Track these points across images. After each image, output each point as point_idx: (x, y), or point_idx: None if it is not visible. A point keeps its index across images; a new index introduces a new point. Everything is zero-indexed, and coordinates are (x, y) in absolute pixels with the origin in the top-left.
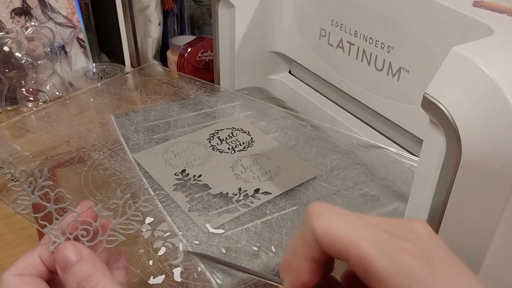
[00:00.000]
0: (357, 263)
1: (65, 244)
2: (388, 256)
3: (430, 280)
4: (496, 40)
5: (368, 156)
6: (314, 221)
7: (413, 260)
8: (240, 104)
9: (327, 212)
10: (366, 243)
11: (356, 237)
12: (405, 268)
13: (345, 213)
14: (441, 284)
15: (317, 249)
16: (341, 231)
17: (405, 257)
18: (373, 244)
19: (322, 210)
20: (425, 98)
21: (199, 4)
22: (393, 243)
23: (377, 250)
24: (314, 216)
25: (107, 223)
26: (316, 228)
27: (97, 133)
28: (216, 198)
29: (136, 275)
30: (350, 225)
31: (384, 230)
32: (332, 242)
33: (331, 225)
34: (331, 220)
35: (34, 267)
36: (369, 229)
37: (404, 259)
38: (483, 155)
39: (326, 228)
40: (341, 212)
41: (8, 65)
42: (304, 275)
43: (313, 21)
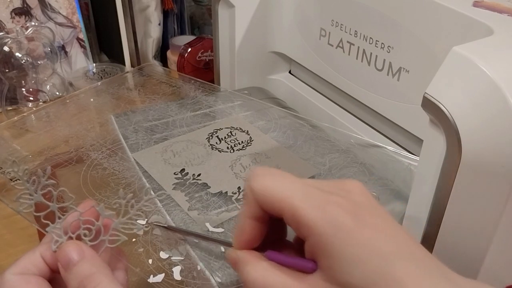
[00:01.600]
0: (290, 216)
1: (68, 243)
2: (317, 208)
3: (356, 229)
4: (496, 40)
5: (366, 155)
6: (253, 182)
7: (340, 211)
8: (239, 104)
9: (265, 173)
10: (297, 197)
11: (288, 192)
12: (332, 218)
13: (282, 174)
14: (366, 233)
15: (256, 207)
16: (276, 189)
17: (333, 208)
18: (304, 198)
19: (261, 172)
20: (425, 98)
21: (199, 4)
22: (323, 197)
23: (307, 203)
24: (254, 177)
25: (109, 222)
26: (254, 188)
27: (96, 133)
28: (215, 197)
29: (136, 274)
30: (285, 183)
31: (317, 187)
32: (268, 199)
33: (267, 183)
34: (267, 179)
35: (35, 266)
36: (302, 186)
37: (332, 210)
38: (483, 155)
39: (262, 187)
40: (279, 173)
41: (8, 65)
42: (246, 232)
43: (313, 21)
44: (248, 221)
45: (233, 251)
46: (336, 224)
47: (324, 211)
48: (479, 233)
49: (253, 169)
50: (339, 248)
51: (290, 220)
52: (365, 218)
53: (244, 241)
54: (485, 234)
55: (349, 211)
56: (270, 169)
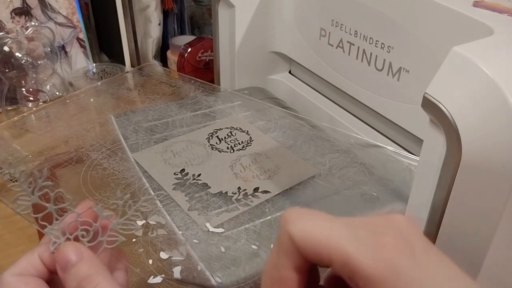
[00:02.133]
0: (341, 265)
1: (66, 244)
2: (372, 253)
3: (417, 272)
4: (496, 40)
5: (366, 155)
6: (291, 226)
7: (397, 254)
8: (239, 104)
9: (303, 216)
10: (347, 243)
11: (336, 238)
12: (391, 263)
13: (321, 216)
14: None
15: (297, 257)
16: (320, 234)
17: (389, 251)
18: (355, 243)
19: (298, 215)
20: (425, 98)
21: (199, 4)
22: (374, 239)
23: (359, 249)
24: (291, 222)
25: (107, 223)
26: (294, 234)
27: (96, 133)
28: (215, 197)
29: (136, 274)
30: (328, 227)
31: (363, 228)
32: (312, 246)
33: (309, 228)
34: (308, 223)
35: (34, 267)
36: (348, 229)
37: (388, 254)
38: (483, 155)
39: (304, 232)
40: (317, 215)
41: (8, 65)
42: (287, 285)
43: (313, 21)
44: (288, 272)
45: None
46: (397, 270)
47: (380, 256)
48: (479, 233)
49: (287, 213)
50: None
51: (342, 269)
52: (422, 257)
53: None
54: (485, 234)
55: (406, 253)
56: (308, 211)
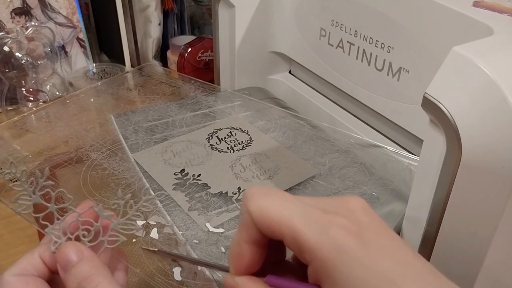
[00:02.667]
0: (291, 240)
1: (66, 244)
2: (319, 230)
3: (361, 252)
4: (496, 40)
5: (366, 155)
6: (250, 203)
7: (344, 234)
8: (238, 104)
9: (262, 193)
10: (298, 219)
11: (288, 214)
12: (336, 241)
13: (279, 194)
14: (372, 256)
15: (255, 231)
16: (275, 210)
17: (336, 230)
18: (305, 220)
19: (257, 192)
20: (425, 98)
21: (199, 4)
22: (324, 218)
23: (308, 225)
24: (250, 199)
25: (108, 223)
26: (251, 209)
27: (96, 133)
28: (215, 197)
29: (136, 275)
30: (283, 204)
31: (317, 207)
32: (266, 221)
33: (264, 205)
34: (265, 200)
35: (34, 267)
36: (302, 206)
37: (335, 232)
38: (483, 155)
39: (260, 208)
40: (276, 193)
41: (8, 65)
42: (245, 258)
43: (313, 21)
44: (246, 246)
45: (230, 277)
46: (341, 248)
47: (327, 234)
48: (479, 233)
49: (248, 190)
50: (344, 273)
51: (291, 244)
52: (370, 239)
53: (243, 266)
54: (485, 234)
55: (353, 233)
56: (267, 189)
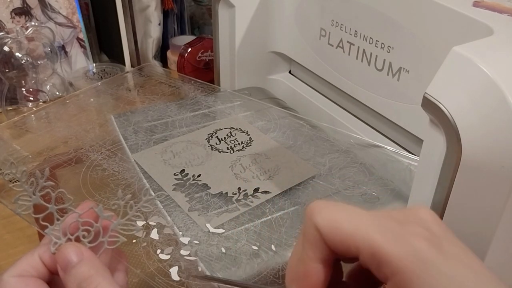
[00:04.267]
0: (369, 256)
1: (67, 245)
2: (399, 242)
3: (443, 262)
4: (496, 40)
5: (366, 155)
6: (318, 218)
7: (426, 245)
8: (238, 104)
9: (329, 207)
10: (375, 233)
11: (364, 228)
12: (419, 253)
13: (347, 207)
14: (452, 266)
15: (323, 248)
16: (347, 224)
17: (417, 241)
18: (383, 233)
19: (323, 206)
20: (425, 98)
21: (199, 4)
22: (402, 228)
23: (387, 239)
24: (317, 213)
25: (108, 224)
26: (321, 225)
27: (95, 133)
28: (215, 198)
29: (136, 275)
30: (355, 217)
31: (390, 219)
32: (340, 236)
33: (336, 219)
34: (334, 213)
35: (34, 268)
36: (376, 219)
37: (416, 243)
38: (483, 155)
39: (330, 222)
40: (343, 205)
41: (8, 65)
42: (312, 278)
43: (313, 21)
44: (314, 265)
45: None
46: (425, 259)
47: (409, 245)
48: (479, 233)
49: (311, 204)
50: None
51: (369, 259)
52: (447, 249)
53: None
54: (485, 234)
55: (433, 243)
56: (333, 202)
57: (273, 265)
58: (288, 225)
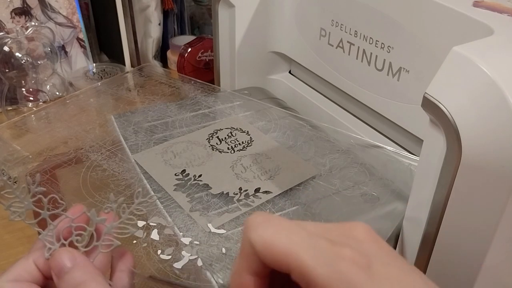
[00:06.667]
0: (298, 275)
1: (60, 251)
2: (328, 265)
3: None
4: (496, 40)
5: (366, 155)
6: (252, 233)
7: (353, 268)
8: (238, 104)
9: (264, 223)
10: (305, 254)
11: (295, 248)
12: (345, 276)
13: (283, 223)
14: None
15: (257, 262)
16: (280, 243)
17: (345, 265)
18: (313, 254)
19: (259, 221)
20: (425, 98)
21: (199, 4)
22: (332, 251)
23: (317, 260)
24: (252, 228)
25: (102, 227)
26: (255, 241)
27: (95, 134)
28: (215, 198)
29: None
30: (289, 236)
31: (324, 237)
32: (271, 254)
33: (269, 236)
34: (269, 231)
35: (28, 273)
36: (309, 238)
37: (343, 267)
38: (484, 155)
39: (264, 240)
40: (279, 222)
41: (8, 65)
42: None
43: (313, 21)
44: (248, 277)
45: None
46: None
47: (337, 268)
48: (479, 233)
49: (249, 219)
50: None
51: (299, 278)
52: (379, 271)
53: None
54: (485, 234)
55: (362, 265)
56: (269, 217)
57: None
58: None
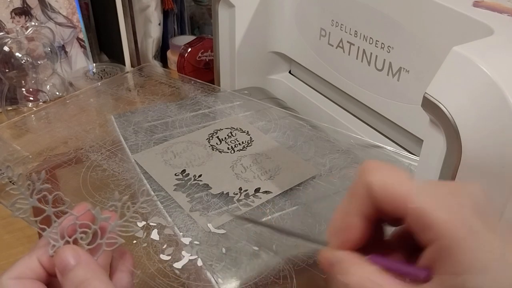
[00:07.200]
0: (416, 218)
1: (64, 248)
2: (450, 211)
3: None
4: (496, 40)
5: (366, 155)
6: (370, 175)
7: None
8: (238, 104)
9: (382, 167)
10: (426, 197)
11: (416, 190)
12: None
13: (399, 170)
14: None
15: (369, 204)
16: (400, 185)
17: (467, 212)
18: (433, 199)
19: (377, 166)
20: (425, 98)
21: (199, 4)
22: (453, 199)
23: (437, 205)
24: (371, 172)
25: (106, 225)
26: (374, 183)
27: (95, 134)
28: (215, 198)
29: (137, 276)
30: (407, 180)
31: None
32: (391, 196)
33: (389, 179)
34: (387, 174)
35: (32, 270)
36: (428, 185)
37: (466, 214)
38: (483, 155)
39: (383, 182)
40: (396, 168)
41: (8, 65)
42: (352, 232)
43: (313, 21)
44: (357, 219)
45: (329, 251)
46: (470, 229)
47: (458, 215)
48: None
49: (365, 163)
50: (470, 254)
51: (414, 222)
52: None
53: (348, 240)
54: None
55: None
56: (386, 164)
57: (273, 265)
58: (289, 225)
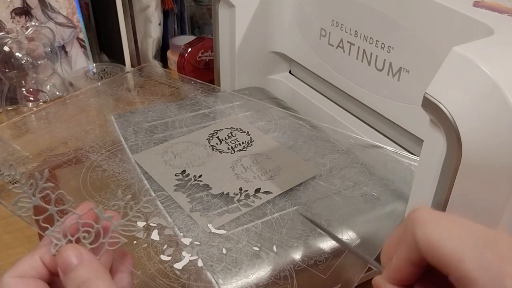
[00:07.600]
0: (458, 279)
1: (67, 247)
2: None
3: None
4: (496, 40)
5: (366, 155)
6: (418, 229)
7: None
8: (238, 104)
9: (431, 221)
10: (469, 263)
11: (460, 255)
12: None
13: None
14: None
15: (417, 254)
16: (445, 247)
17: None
18: (477, 265)
19: (427, 218)
20: (426, 98)
21: (199, 4)
22: (499, 266)
23: (480, 271)
24: (419, 224)
25: (108, 225)
26: (419, 237)
27: (95, 134)
28: (216, 198)
29: (137, 277)
30: (455, 241)
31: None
32: (435, 255)
33: (434, 236)
34: (435, 230)
35: (34, 269)
36: (475, 245)
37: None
38: (484, 155)
39: (429, 239)
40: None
41: (8, 65)
42: (401, 274)
43: (313, 21)
44: (405, 264)
45: (382, 281)
46: None
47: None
48: None
49: (415, 212)
50: None
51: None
52: None
53: (397, 279)
54: None
55: None
56: (436, 214)
57: (274, 266)
58: (289, 226)
